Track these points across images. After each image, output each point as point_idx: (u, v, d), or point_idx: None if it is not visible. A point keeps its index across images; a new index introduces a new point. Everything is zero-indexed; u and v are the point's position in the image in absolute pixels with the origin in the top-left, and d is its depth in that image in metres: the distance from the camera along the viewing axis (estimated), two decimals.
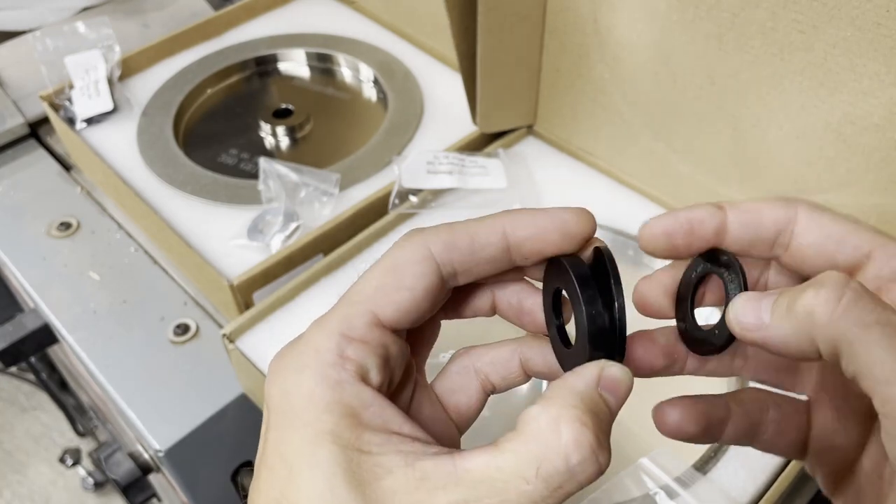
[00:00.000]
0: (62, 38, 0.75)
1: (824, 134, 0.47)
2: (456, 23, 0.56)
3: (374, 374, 0.23)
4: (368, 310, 0.24)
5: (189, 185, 0.65)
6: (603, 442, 0.21)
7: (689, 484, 0.43)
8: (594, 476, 0.21)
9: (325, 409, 0.22)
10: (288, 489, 0.22)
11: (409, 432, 0.23)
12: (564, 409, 0.21)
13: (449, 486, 0.21)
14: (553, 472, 0.21)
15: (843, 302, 0.21)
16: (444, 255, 0.25)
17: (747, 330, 0.23)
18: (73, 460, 1.42)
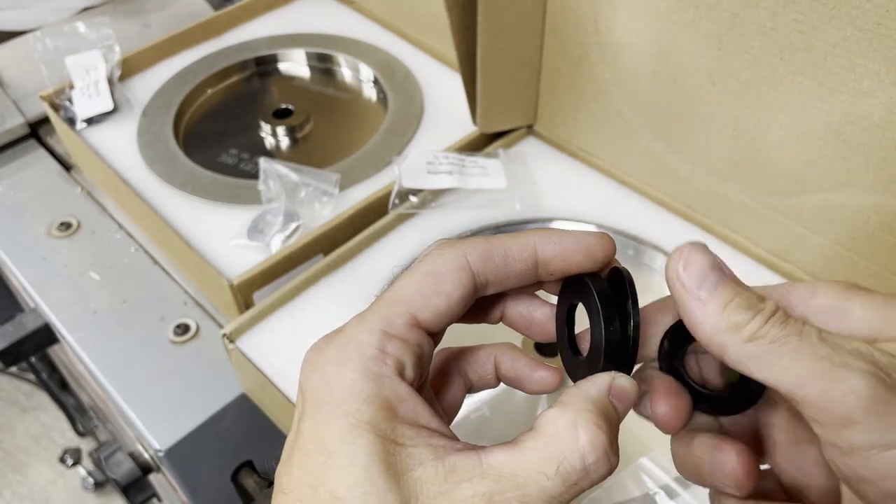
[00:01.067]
0: (62, 38, 0.75)
1: (824, 134, 0.47)
2: (456, 23, 0.56)
3: (409, 371, 0.25)
4: (408, 311, 0.25)
5: (189, 185, 0.65)
6: (614, 444, 0.24)
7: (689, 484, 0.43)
8: (606, 475, 0.23)
9: (364, 401, 0.23)
10: (325, 475, 0.23)
11: (437, 427, 0.24)
12: (581, 413, 0.23)
13: (475, 479, 0.23)
14: (570, 469, 0.23)
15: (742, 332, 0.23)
16: (480, 265, 0.26)
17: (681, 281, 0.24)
18: (73, 460, 1.42)
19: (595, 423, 0.23)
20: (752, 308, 0.23)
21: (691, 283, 0.24)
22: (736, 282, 0.24)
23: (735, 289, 0.24)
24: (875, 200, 0.47)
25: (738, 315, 0.23)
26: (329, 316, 0.54)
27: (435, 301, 0.26)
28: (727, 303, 0.23)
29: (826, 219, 0.50)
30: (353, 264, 0.57)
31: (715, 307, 0.23)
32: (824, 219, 0.50)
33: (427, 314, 0.26)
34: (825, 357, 0.22)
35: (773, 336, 0.23)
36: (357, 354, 0.24)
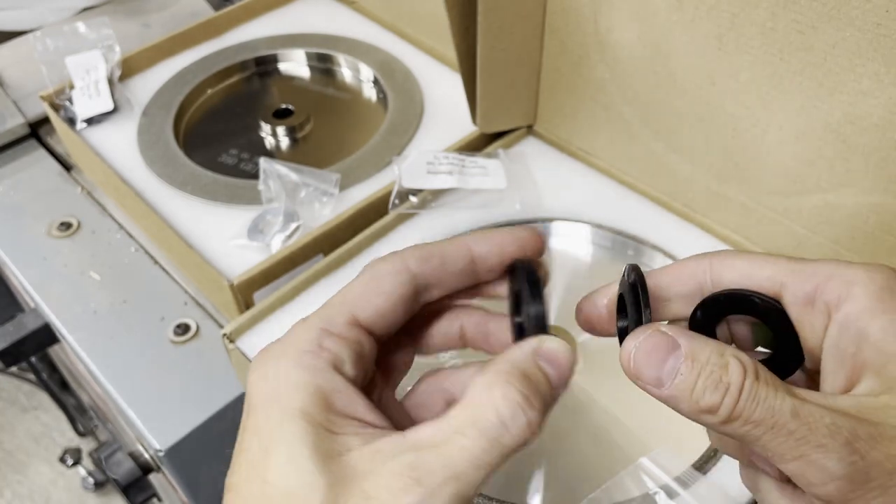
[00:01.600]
0: (62, 38, 0.76)
1: (824, 134, 0.47)
2: (456, 23, 0.57)
3: (348, 367, 0.26)
4: (348, 310, 0.27)
5: (189, 185, 0.65)
6: (532, 401, 0.24)
7: (688, 484, 0.43)
8: (528, 431, 0.23)
9: (297, 390, 0.25)
10: (261, 465, 0.24)
11: (372, 420, 0.25)
12: (498, 374, 0.24)
13: (398, 454, 0.23)
14: (487, 425, 0.23)
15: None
16: (418, 267, 0.28)
17: (642, 382, 0.25)
18: (73, 460, 1.42)
19: (507, 379, 0.24)
20: (718, 387, 0.23)
21: (651, 383, 0.24)
22: (693, 353, 0.24)
23: (695, 366, 0.23)
24: (875, 200, 0.47)
25: (707, 399, 0.23)
26: None
27: (375, 300, 0.27)
28: (692, 388, 0.23)
29: (826, 219, 0.50)
30: (353, 264, 0.57)
31: (684, 397, 0.23)
32: (824, 219, 0.50)
33: (367, 313, 0.27)
34: (801, 438, 0.22)
35: (746, 416, 0.23)
36: (294, 349, 0.26)
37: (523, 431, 0.23)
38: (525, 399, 0.24)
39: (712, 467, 0.44)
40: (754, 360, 0.23)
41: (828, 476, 0.22)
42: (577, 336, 0.52)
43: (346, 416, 0.25)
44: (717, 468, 0.44)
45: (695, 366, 0.23)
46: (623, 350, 0.25)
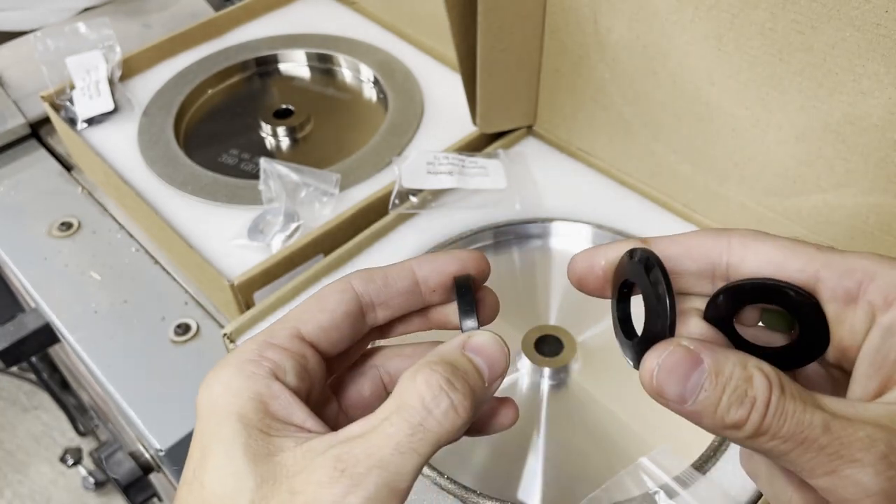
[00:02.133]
0: (63, 38, 0.76)
1: (823, 134, 0.47)
2: (456, 23, 0.57)
3: (290, 377, 0.26)
4: (292, 325, 0.28)
5: (190, 186, 0.65)
6: (456, 385, 0.24)
7: (688, 483, 0.43)
8: (451, 414, 0.23)
9: (235, 395, 0.25)
10: (198, 468, 0.25)
11: (312, 427, 0.25)
12: (422, 364, 0.25)
13: (327, 450, 0.23)
14: (410, 410, 0.23)
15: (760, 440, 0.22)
16: (362, 286, 0.29)
17: (665, 399, 0.23)
18: (73, 460, 1.42)
19: (431, 367, 0.24)
20: (744, 402, 0.22)
21: (675, 400, 0.23)
22: (717, 368, 0.22)
23: (719, 381, 0.22)
24: (874, 200, 0.47)
25: (732, 414, 0.22)
26: None
27: (318, 316, 0.28)
28: (717, 404, 0.22)
29: (825, 219, 0.50)
30: (354, 264, 0.57)
31: (708, 413, 0.22)
32: (823, 219, 0.50)
33: (310, 327, 0.28)
34: (833, 453, 0.21)
35: (774, 431, 0.21)
36: (236, 359, 0.26)
37: (447, 415, 0.23)
38: (448, 382, 0.24)
39: (712, 467, 0.44)
40: (779, 372, 0.22)
41: (863, 491, 0.21)
42: (577, 336, 0.52)
43: (283, 422, 0.25)
44: (716, 468, 0.44)
45: (719, 381, 0.22)
46: (644, 368, 0.24)
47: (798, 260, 0.24)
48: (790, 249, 0.24)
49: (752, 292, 0.25)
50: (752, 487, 0.43)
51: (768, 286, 0.25)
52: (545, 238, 0.60)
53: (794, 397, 0.22)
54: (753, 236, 0.25)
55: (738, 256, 0.25)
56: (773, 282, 0.25)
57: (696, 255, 0.26)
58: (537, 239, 0.60)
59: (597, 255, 0.27)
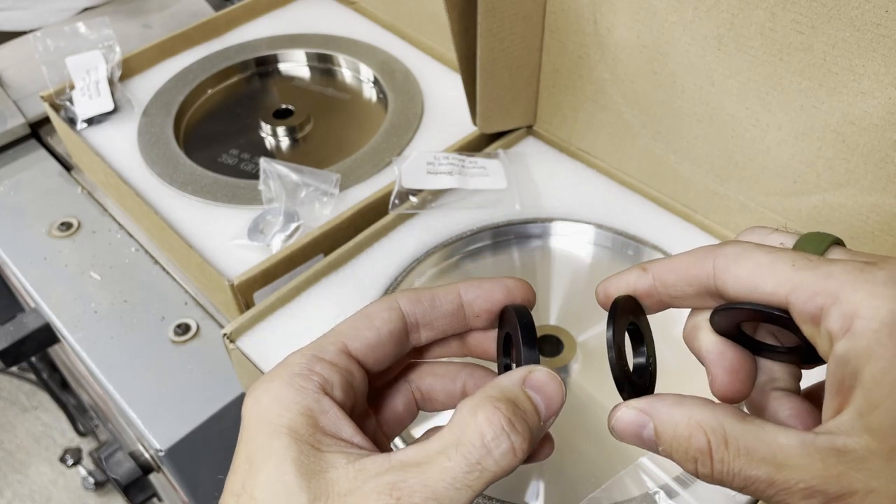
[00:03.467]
0: (63, 38, 0.76)
1: (823, 134, 0.47)
2: (456, 23, 0.57)
3: (337, 392, 0.27)
4: (340, 340, 0.28)
5: (190, 186, 0.65)
6: (517, 427, 0.24)
7: (688, 483, 0.43)
8: (509, 456, 0.24)
9: (286, 408, 0.25)
10: (247, 480, 0.25)
11: (359, 443, 0.26)
12: (484, 398, 0.25)
13: (380, 473, 0.23)
14: (470, 447, 0.23)
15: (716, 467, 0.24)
16: (409, 307, 0.30)
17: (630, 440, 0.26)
18: (73, 460, 1.42)
19: (494, 403, 0.24)
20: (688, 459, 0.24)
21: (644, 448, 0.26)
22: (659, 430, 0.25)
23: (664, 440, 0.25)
24: (874, 200, 0.47)
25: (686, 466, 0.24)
26: (329, 316, 0.54)
27: (365, 333, 0.28)
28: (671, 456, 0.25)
29: (825, 219, 0.50)
30: (354, 264, 0.57)
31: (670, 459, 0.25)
32: (823, 219, 0.50)
33: (357, 344, 0.28)
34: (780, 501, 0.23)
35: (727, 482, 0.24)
36: (285, 373, 0.27)
37: (506, 456, 0.24)
38: (510, 424, 0.24)
39: None
40: (723, 420, 0.24)
41: None
42: (577, 336, 0.52)
43: (332, 436, 0.25)
44: None
45: (664, 440, 0.25)
46: (608, 423, 0.27)
47: (771, 283, 0.25)
48: (766, 271, 0.25)
49: (740, 313, 0.26)
50: None
51: (748, 309, 0.26)
52: (545, 238, 0.60)
53: (739, 454, 0.23)
54: (734, 257, 0.26)
55: (721, 280, 0.26)
56: (750, 305, 0.26)
57: (690, 280, 0.27)
58: (537, 239, 0.60)
59: (610, 287, 0.29)
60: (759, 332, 0.28)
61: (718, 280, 0.26)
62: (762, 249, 0.26)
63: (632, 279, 0.29)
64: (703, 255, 0.27)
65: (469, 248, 0.59)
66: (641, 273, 0.28)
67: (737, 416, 0.24)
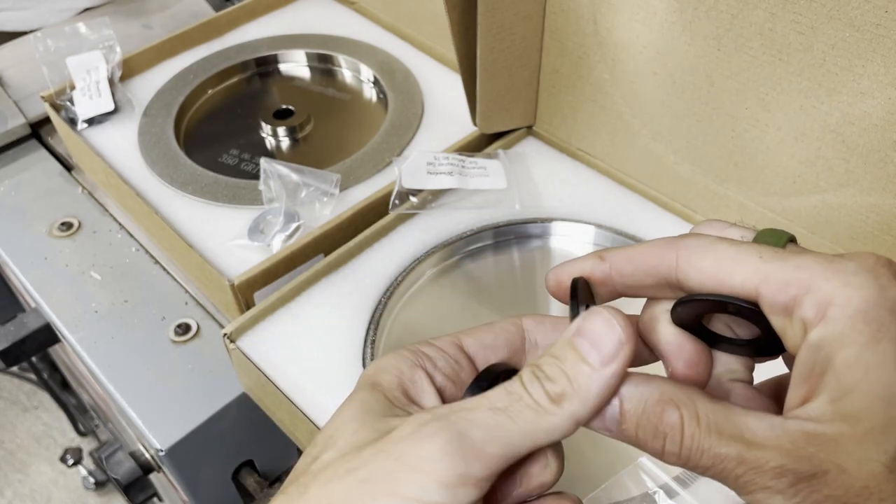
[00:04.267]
0: (63, 38, 0.76)
1: (823, 134, 0.47)
2: (456, 23, 0.57)
3: (438, 375, 0.28)
4: (456, 335, 0.29)
5: (190, 186, 0.65)
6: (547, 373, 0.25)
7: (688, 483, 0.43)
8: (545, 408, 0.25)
9: (382, 369, 0.27)
10: (329, 424, 0.26)
11: None
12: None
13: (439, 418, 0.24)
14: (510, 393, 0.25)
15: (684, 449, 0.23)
16: (532, 326, 0.30)
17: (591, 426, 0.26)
18: (74, 459, 1.42)
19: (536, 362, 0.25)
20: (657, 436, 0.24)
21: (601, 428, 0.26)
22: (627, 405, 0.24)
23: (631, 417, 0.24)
24: (874, 200, 0.47)
25: (650, 445, 0.24)
26: (329, 316, 0.54)
27: (482, 333, 0.29)
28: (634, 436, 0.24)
29: (825, 219, 0.50)
30: (354, 264, 0.57)
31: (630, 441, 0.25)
32: (823, 219, 0.50)
33: (471, 340, 0.29)
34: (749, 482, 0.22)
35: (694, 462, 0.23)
36: (400, 350, 0.28)
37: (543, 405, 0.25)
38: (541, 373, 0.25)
39: None
40: (697, 401, 0.23)
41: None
42: None
43: (414, 401, 0.27)
44: None
45: (630, 417, 0.24)
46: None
47: (739, 274, 0.25)
48: (733, 262, 0.25)
49: (702, 305, 0.26)
50: None
51: (711, 300, 0.26)
52: (545, 238, 0.60)
53: (710, 430, 0.23)
54: (698, 249, 0.26)
55: (684, 272, 0.26)
56: (716, 297, 0.25)
57: (649, 271, 0.27)
58: (537, 239, 0.60)
59: (563, 273, 0.29)
60: (714, 324, 0.28)
61: (681, 272, 0.26)
62: (726, 242, 0.26)
63: (587, 267, 0.28)
64: (664, 246, 0.26)
65: (469, 248, 0.59)
66: (598, 261, 0.28)
67: (705, 395, 0.24)
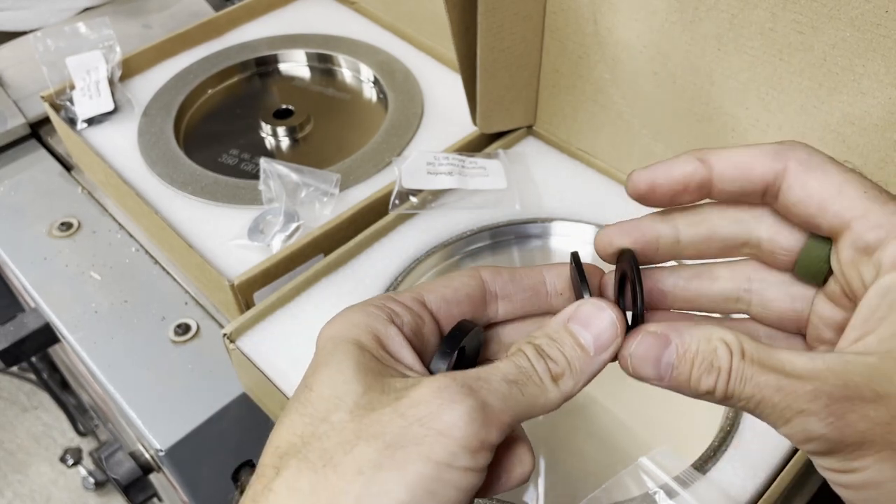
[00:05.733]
0: (63, 38, 0.76)
1: (823, 134, 0.47)
2: (456, 23, 0.57)
3: (406, 329, 0.28)
4: (416, 291, 0.29)
5: (190, 186, 0.65)
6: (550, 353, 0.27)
7: (688, 483, 0.43)
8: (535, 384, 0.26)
9: (355, 325, 0.27)
10: (310, 376, 0.26)
11: (420, 371, 0.27)
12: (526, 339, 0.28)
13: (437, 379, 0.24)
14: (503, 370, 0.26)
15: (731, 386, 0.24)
16: (489, 276, 0.30)
17: (644, 380, 0.26)
18: (73, 460, 1.42)
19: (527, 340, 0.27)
20: (711, 372, 0.24)
21: (655, 380, 0.26)
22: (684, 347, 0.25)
23: (687, 359, 0.25)
24: None
25: (703, 384, 0.24)
26: (329, 315, 0.53)
27: (442, 289, 0.29)
28: (689, 377, 0.25)
29: None
30: (354, 264, 0.57)
31: (683, 386, 0.25)
32: None
33: (432, 297, 0.29)
34: (786, 408, 0.24)
35: (738, 394, 0.24)
36: (361, 304, 0.28)
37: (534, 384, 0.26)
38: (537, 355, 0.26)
39: (712, 467, 0.44)
40: (740, 337, 0.24)
41: (808, 436, 0.23)
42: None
43: (395, 358, 0.27)
44: (716, 468, 0.44)
45: (686, 358, 0.25)
46: (621, 356, 0.27)
47: (840, 202, 0.25)
48: (838, 188, 0.25)
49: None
50: (752, 487, 0.43)
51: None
52: (545, 238, 0.60)
53: (752, 362, 0.24)
54: (808, 165, 0.26)
55: (788, 184, 0.26)
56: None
57: (753, 178, 0.27)
58: (537, 239, 0.60)
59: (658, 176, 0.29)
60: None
61: (786, 183, 0.26)
62: (836, 165, 0.26)
63: (687, 170, 0.28)
64: (772, 154, 0.26)
65: (469, 248, 0.59)
66: (698, 164, 0.28)
67: (749, 336, 0.25)
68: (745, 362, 0.24)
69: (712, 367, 0.24)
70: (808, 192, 0.26)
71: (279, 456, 0.24)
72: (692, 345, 0.25)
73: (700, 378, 0.24)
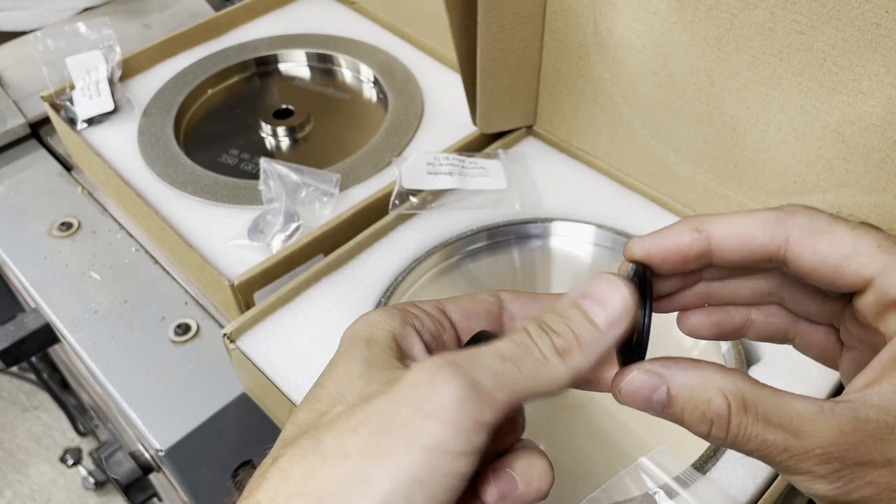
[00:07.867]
0: (63, 38, 0.76)
1: (823, 134, 0.47)
2: (456, 23, 0.57)
3: (425, 333, 0.28)
4: (438, 301, 0.30)
5: (190, 186, 0.65)
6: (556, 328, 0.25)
7: (688, 483, 0.43)
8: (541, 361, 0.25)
9: (373, 325, 0.27)
10: (323, 376, 0.26)
11: None
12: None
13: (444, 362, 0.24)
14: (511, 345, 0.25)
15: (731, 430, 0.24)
16: (509, 298, 0.31)
17: (637, 409, 0.25)
18: (73, 460, 1.42)
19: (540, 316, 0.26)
20: (703, 422, 0.24)
21: (646, 411, 0.25)
22: (675, 391, 0.24)
23: (678, 403, 0.24)
24: (874, 200, 0.47)
25: (696, 428, 0.24)
26: (329, 316, 0.54)
27: (464, 301, 0.30)
28: (680, 418, 0.25)
29: None
30: (354, 264, 0.57)
31: (678, 423, 0.25)
32: None
33: (453, 307, 0.30)
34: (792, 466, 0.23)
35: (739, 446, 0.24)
36: (382, 308, 0.29)
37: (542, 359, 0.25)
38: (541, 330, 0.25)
39: (712, 467, 0.44)
40: (745, 390, 0.24)
41: (816, 495, 0.23)
42: None
43: (408, 356, 0.27)
44: (716, 468, 0.44)
45: (678, 402, 0.24)
46: (612, 387, 0.26)
47: (857, 261, 0.25)
48: (851, 248, 0.25)
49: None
50: (752, 487, 0.43)
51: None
52: (545, 238, 0.60)
53: (758, 419, 0.23)
54: (813, 229, 0.25)
55: (796, 253, 0.25)
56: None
57: (754, 248, 0.26)
58: (537, 239, 0.60)
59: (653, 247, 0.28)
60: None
61: (791, 252, 0.25)
62: (842, 223, 0.25)
63: (684, 242, 0.27)
64: (772, 223, 0.26)
65: (469, 249, 0.59)
66: (695, 235, 0.27)
67: (752, 381, 0.24)
68: (749, 416, 0.23)
69: (704, 417, 0.24)
70: (820, 257, 0.25)
71: (280, 447, 0.24)
72: (684, 391, 0.24)
73: (692, 423, 0.24)
